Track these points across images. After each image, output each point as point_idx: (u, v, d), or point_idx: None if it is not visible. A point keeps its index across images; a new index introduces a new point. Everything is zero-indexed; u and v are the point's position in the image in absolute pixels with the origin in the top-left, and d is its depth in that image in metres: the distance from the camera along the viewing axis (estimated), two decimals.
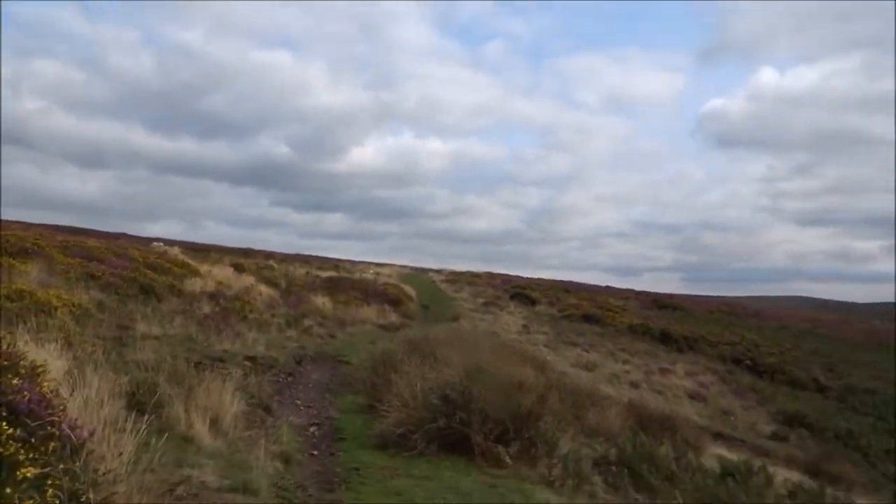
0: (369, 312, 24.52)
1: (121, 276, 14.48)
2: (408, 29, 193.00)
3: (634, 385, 24.25)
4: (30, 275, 12.96)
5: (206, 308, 14.62)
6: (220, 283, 20.83)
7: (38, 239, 17.23)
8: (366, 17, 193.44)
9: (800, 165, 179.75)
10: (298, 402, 9.52)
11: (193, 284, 18.92)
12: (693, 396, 23.74)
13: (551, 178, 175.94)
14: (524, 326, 31.91)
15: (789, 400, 24.78)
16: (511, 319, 33.04)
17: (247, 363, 10.50)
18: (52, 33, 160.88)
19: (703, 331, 38.33)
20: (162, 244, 36.74)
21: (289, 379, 10.80)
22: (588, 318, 36.10)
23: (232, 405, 6.47)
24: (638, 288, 70.61)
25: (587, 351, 29.14)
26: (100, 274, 13.99)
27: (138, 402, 5.92)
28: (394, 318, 25.38)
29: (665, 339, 34.38)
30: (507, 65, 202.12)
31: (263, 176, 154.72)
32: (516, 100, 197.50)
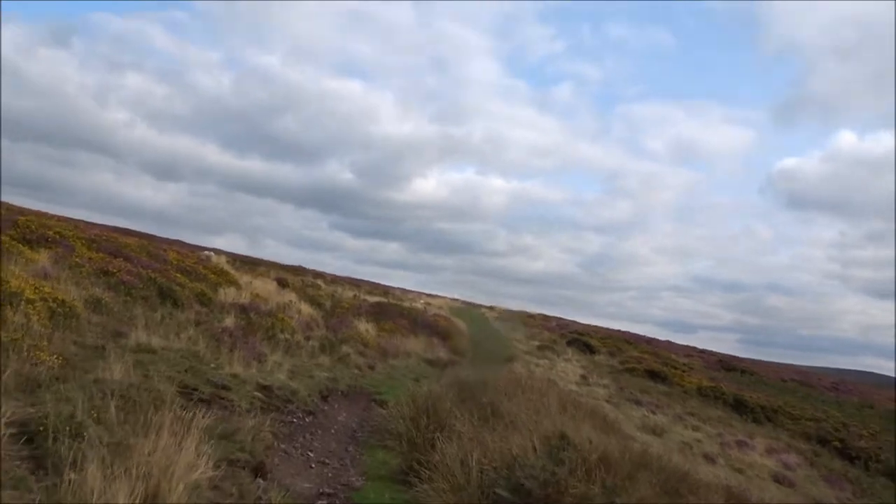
0: (416, 344, 22.29)
1: (140, 275, 12.66)
2: (478, 65, 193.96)
3: (709, 458, 21.17)
4: (36, 264, 11.27)
5: (230, 321, 12.63)
6: (257, 295, 18.96)
7: (63, 228, 15.67)
8: (438, 49, 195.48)
9: (873, 233, 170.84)
10: (312, 453, 7.29)
11: (226, 294, 17.09)
12: (779, 480, 20.53)
13: (612, 224, 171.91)
14: (583, 377, 29.13)
15: (891, 494, 21.26)
16: (569, 367, 30.32)
17: (257, 395, 8.37)
18: (140, 48, 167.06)
19: (780, 401, 34.67)
20: (212, 253, 35.54)
21: (307, 419, 8.61)
22: (652, 375, 33.01)
23: (196, 466, 4.27)
24: (691, 345, 66.46)
25: (653, 412, 26.16)
26: (115, 271, 12.19)
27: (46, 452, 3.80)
28: (442, 353, 23.07)
29: (739, 406, 31.02)
30: (575, 108, 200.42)
31: (326, 200, 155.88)
32: (582, 143, 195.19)
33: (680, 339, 66.67)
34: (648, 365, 34.87)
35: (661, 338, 68.38)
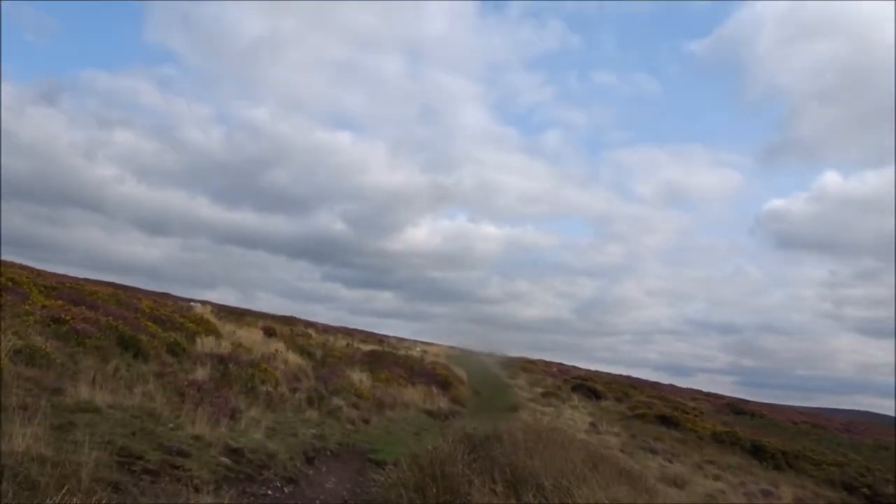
0: (414, 394, 20.58)
1: (99, 323, 11.10)
2: (468, 113, 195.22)
3: None
4: None
5: (202, 373, 11.03)
6: (239, 345, 17.34)
7: (18, 275, 14.13)
8: (428, 98, 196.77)
9: (864, 272, 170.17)
10: None
11: (204, 344, 15.47)
12: None
13: (604, 269, 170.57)
14: (592, 424, 27.32)
15: None
16: (577, 415, 28.52)
17: (224, 461, 6.76)
18: (129, 104, 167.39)
19: (798, 446, 32.80)
20: (197, 304, 33.90)
21: (287, 489, 6.98)
22: (664, 421, 31.19)
23: None
24: (694, 388, 64.60)
25: (670, 461, 24.33)
26: (68, 318, 10.64)
27: None
28: (442, 403, 21.36)
29: (757, 452, 29.17)
30: (565, 153, 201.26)
31: (318, 250, 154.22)
32: (572, 189, 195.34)
33: (679, 383, 64.70)
34: (659, 410, 33.06)
35: (660, 381, 66.45)
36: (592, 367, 61.64)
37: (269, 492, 6.58)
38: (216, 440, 7.29)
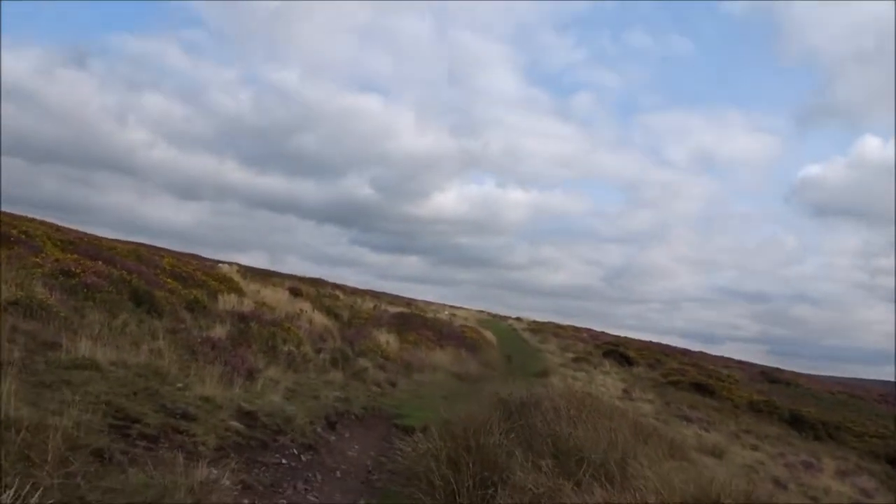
0: (442, 357, 19.95)
1: (111, 277, 10.49)
2: (496, 76, 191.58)
3: (779, 484, 18.49)
4: None
5: (219, 330, 10.41)
6: (262, 304, 16.76)
7: (33, 228, 13.61)
8: (455, 61, 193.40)
9: None
10: None
11: (226, 302, 14.90)
12: None
13: (633, 235, 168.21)
14: (625, 391, 26.52)
15: None
16: (609, 381, 27.71)
17: (234, 425, 6.08)
18: (158, 68, 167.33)
19: (838, 416, 31.73)
20: (227, 265, 33.58)
21: (304, 457, 6.29)
22: (699, 388, 30.30)
23: None
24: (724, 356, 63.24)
25: (706, 430, 23.50)
26: (78, 271, 10.04)
27: None
28: (472, 366, 20.70)
29: (796, 422, 28.20)
30: (595, 117, 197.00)
31: (346, 215, 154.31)
32: (602, 153, 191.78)
33: (707, 351, 63.38)
34: (693, 377, 32.15)
35: (690, 349, 65.21)
36: (621, 334, 60.57)
37: (284, 460, 5.89)
38: (228, 402, 6.61)
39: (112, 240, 17.81)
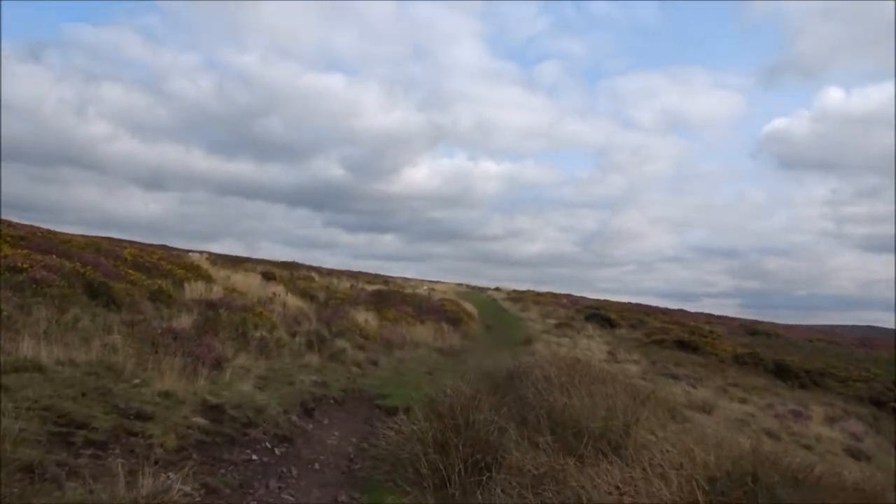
0: (423, 332, 19.47)
1: (62, 271, 9.78)
2: (461, 49, 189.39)
3: (771, 434, 18.36)
4: None
5: (185, 320, 9.77)
6: (232, 290, 16.10)
7: None
8: (419, 37, 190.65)
9: (866, 189, 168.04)
10: None
11: (193, 290, 14.22)
12: (853, 454, 17.78)
13: (606, 200, 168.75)
14: (610, 353, 26.32)
15: None
16: (593, 344, 27.49)
17: (197, 421, 5.51)
18: (115, 58, 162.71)
19: (820, 363, 31.92)
20: (197, 254, 32.67)
21: (278, 450, 5.74)
22: (683, 346, 30.25)
23: None
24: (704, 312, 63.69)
25: (693, 386, 23.40)
26: (26, 266, 9.31)
27: None
28: (454, 340, 20.27)
29: (781, 372, 28.29)
30: (562, 85, 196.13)
31: (318, 197, 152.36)
32: (571, 121, 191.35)
33: (685, 308, 63.76)
34: (676, 335, 32.10)
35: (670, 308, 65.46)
36: (600, 298, 60.64)
37: (254, 456, 5.34)
38: (191, 396, 6.04)
39: (68, 233, 16.94)
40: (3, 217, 18.33)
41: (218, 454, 5.08)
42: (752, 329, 50.10)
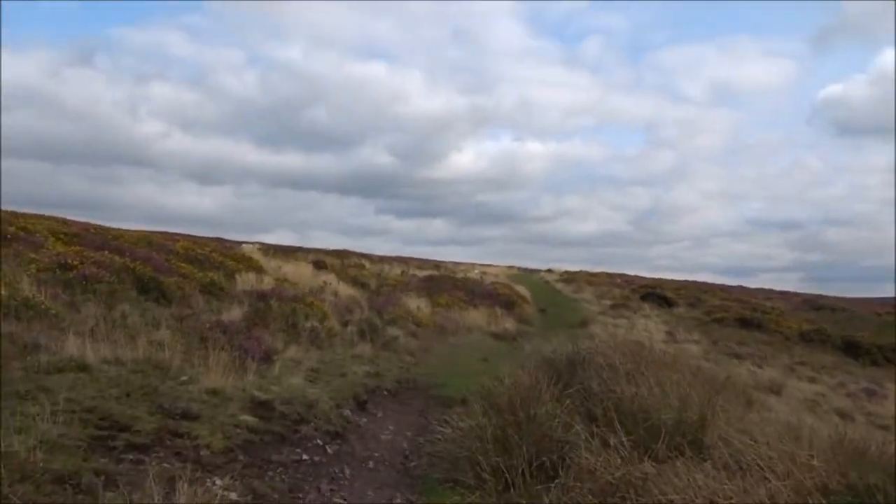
0: (477, 317, 19.13)
1: (113, 267, 9.74)
2: (500, 30, 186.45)
3: (844, 415, 17.48)
4: None
5: (235, 312, 9.63)
6: (283, 280, 16.02)
7: (34, 224, 12.92)
8: (458, 20, 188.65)
9: None
10: None
11: (244, 282, 14.18)
12: None
13: (657, 176, 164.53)
14: (669, 333, 25.56)
15: None
16: (651, 325, 26.74)
17: (245, 419, 5.27)
18: (162, 57, 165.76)
19: (892, 338, 30.39)
20: (250, 245, 33.01)
21: (330, 448, 5.47)
22: (745, 323, 29.22)
23: None
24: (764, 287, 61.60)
25: (759, 366, 22.50)
26: (76, 263, 9.29)
27: None
28: (508, 324, 19.87)
29: (851, 349, 27.06)
30: (606, 61, 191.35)
31: (368, 185, 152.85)
32: (616, 97, 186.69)
33: (744, 284, 61.71)
34: (737, 313, 31.03)
35: (728, 284, 63.57)
36: (655, 276, 59.28)
37: (305, 455, 5.07)
38: (239, 393, 5.82)
39: (120, 229, 17.12)
40: (59, 214, 18.64)
41: (266, 454, 4.82)
42: (816, 304, 48.27)
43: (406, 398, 8.24)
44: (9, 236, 11.14)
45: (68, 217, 17.77)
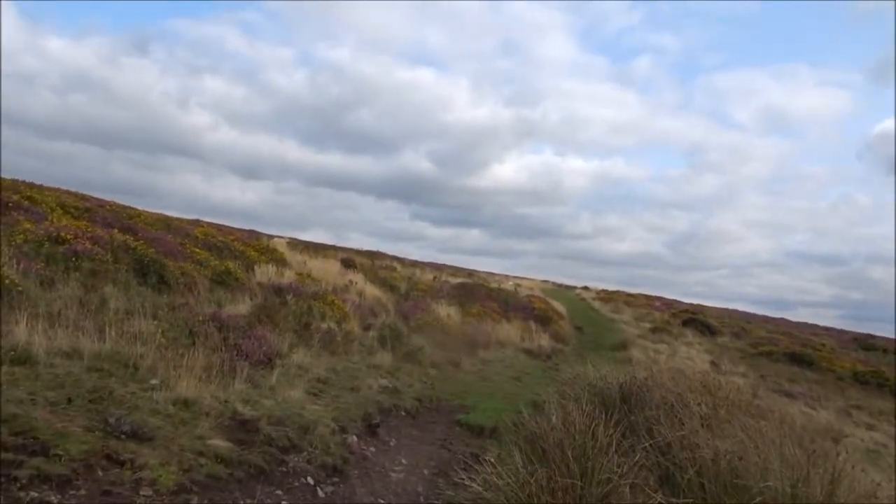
0: (510, 331, 17.80)
1: (110, 244, 8.70)
2: (551, 43, 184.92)
3: None
4: None
5: (242, 306, 8.52)
6: (306, 276, 14.92)
7: (42, 195, 12.03)
8: (509, 31, 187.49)
9: None
10: None
11: (262, 274, 13.12)
12: None
13: (699, 201, 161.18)
14: (713, 363, 23.83)
15: None
16: (693, 353, 25.03)
17: (216, 444, 4.08)
18: (216, 52, 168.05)
19: None
20: (281, 239, 32.19)
21: (323, 490, 4.25)
22: (794, 359, 27.27)
23: None
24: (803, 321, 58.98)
25: (812, 407, 20.68)
26: (68, 237, 8.27)
27: None
28: (543, 340, 18.49)
29: None
30: (655, 81, 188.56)
31: (406, 190, 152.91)
32: (663, 118, 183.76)
33: (786, 317, 59.06)
34: (786, 347, 29.09)
35: (765, 315, 60.81)
36: (691, 302, 57.14)
37: (287, 500, 3.85)
38: (218, 406, 4.65)
39: (139, 209, 16.24)
40: (85, 193, 17.89)
41: (233, 498, 3.63)
42: (865, 343, 45.73)
43: (426, 421, 7.00)
44: (10, 204, 10.23)
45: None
